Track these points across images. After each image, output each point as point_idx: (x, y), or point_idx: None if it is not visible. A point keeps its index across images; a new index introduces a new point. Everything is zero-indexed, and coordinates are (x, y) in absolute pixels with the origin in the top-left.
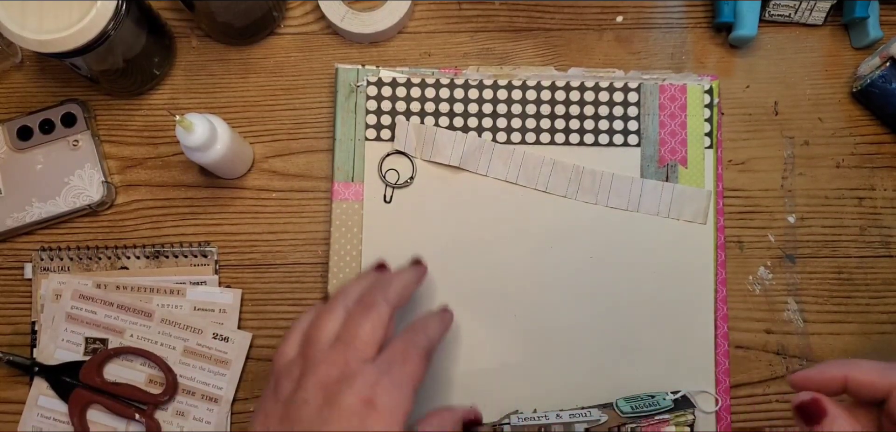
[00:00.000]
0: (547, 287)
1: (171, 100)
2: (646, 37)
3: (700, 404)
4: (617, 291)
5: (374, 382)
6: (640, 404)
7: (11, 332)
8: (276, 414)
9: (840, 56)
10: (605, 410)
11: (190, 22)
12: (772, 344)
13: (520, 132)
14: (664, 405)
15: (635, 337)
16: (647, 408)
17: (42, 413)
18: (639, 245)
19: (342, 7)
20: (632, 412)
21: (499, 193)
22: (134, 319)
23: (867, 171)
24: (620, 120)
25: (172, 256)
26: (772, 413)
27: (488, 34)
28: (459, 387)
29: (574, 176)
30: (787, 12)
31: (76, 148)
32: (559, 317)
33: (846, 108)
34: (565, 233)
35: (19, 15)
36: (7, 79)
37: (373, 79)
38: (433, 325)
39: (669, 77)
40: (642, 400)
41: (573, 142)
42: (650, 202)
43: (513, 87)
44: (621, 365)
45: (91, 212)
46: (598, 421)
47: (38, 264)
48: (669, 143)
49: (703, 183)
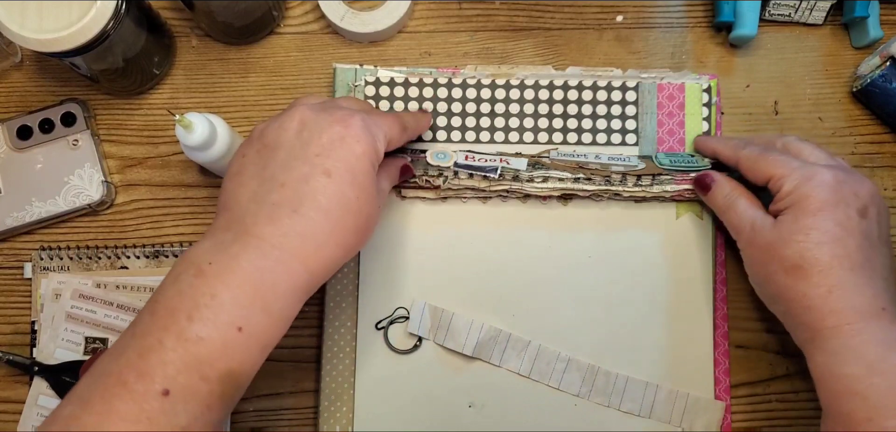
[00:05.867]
0: (546, 286)
1: (171, 99)
2: (646, 36)
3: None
4: (616, 291)
5: (350, 114)
6: (677, 160)
7: (11, 332)
8: (252, 149)
9: (840, 56)
10: (643, 160)
11: (190, 21)
12: (772, 344)
13: (518, 132)
14: (701, 165)
15: (635, 337)
16: (684, 164)
17: (42, 412)
18: (638, 245)
19: (342, 6)
20: (670, 165)
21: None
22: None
23: (867, 171)
24: (618, 119)
25: (172, 256)
26: (772, 413)
27: (488, 34)
28: (459, 387)
29: (588, 375)
30: (787, 12)
31: (76, 147)
32: (558, 316)
33: (846, 107)
34: (565, 232)
35: (19, 14)
36: (7, 78)
37: (371, 78)
38: (410, 114)
39: (668, 76)
40: (681, 157)
41: (571, 141)
42: (663, 411)
43: (511, 87)
44: (621, 365)
45: (91, 211)
46: (635, 166)
47: (38, 264)
48: (668, 142)
49: None
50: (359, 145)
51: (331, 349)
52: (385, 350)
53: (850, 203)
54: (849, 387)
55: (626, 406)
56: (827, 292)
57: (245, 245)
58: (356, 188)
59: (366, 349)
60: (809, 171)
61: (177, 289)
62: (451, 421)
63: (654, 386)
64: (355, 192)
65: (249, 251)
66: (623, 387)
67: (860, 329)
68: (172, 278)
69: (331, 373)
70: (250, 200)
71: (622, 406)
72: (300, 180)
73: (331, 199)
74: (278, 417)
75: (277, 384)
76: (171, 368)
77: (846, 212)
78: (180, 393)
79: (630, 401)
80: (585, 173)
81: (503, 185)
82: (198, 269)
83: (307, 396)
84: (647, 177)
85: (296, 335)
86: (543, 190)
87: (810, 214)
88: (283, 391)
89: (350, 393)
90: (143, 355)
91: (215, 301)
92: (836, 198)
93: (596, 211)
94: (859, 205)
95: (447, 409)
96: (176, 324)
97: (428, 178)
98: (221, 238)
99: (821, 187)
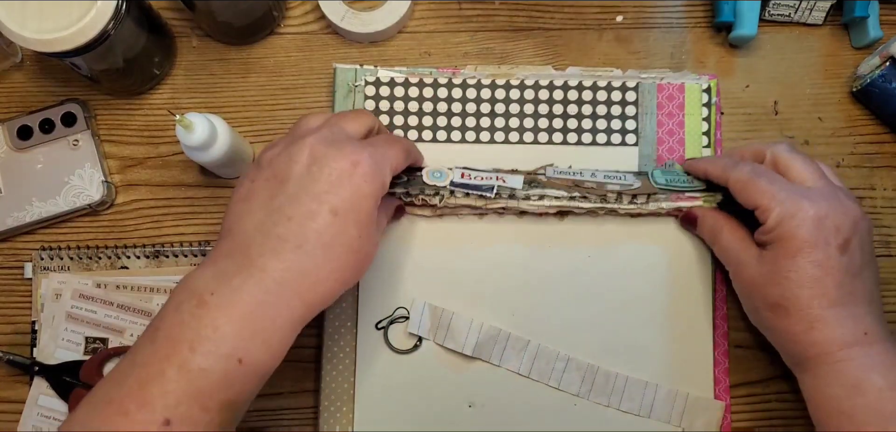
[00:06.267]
0: (545, 285)
1: (172, 99)
2: (646, 36)
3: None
4: (615, 291)
5: (359, 150)
6: (673, 178)
7: (11, 332)
8: (261, 176)
9: (840, 56)
10: (639, 178)
11: (190, 21)
12: (771, 344)
13: (518, 132)
14: (696, 184)
15: (634, 336)
16: (679, 184)
17: (42, 412)
18: (638, 244)
19: (342, 7)
20: (665, 184)
21: None
22: (134, 319)
23: (867, 171)
24: (618, 119)
25: (172, 256)
26: (772, 412)
27: (488, 34)
28: (459, 387)
29: (588, 374)
30: (787, 12)
31: (76, 147)
32: (557, 315)
33: (846, 107)
34: (564, 232)
35: (19, 15)
36: (7, 78)
37: (371, 78)
38: (410, 143)
39: (667, 76)
40: (676, 175)
41: (571, 141)
42: (662, 410)
43: (511, 87)
44: (620, 365)
45: (91, 211)
46: (631, 185)
47: (39, 264)
48: (667, 142)
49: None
50: (366, 185)
51: (331, 349)
52: (385, 350)
53: (830, 240)
54: (835, 407)
55: (625, 405)
56: (808, 328)
57: (248, 276)
58: (359, 227)
59: (366, 349)
60: (793, 207)
61: (178, 319)
62: (451, 421)
63: (654, 385)
64: (358, 231)
65: (251, 284)
66: (623, 387)
67: (842, 356)
68: (173, 306)
69: (331, 373)
70: (256, 230)
71: (622, 405)
72: (307, 216)
73: (335, 238)
74: (278, 417)
75: (277, 384)
76: (172, 398)
77: (826, 252)
78: (180, 423)
79: (629, 401)
80: (582, 190)
81: (499, 203)
82: (200, 299)
83: (307, 396)
84: (643, 195)
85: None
86: (540, 207)
87: (790, 257)
88: (284, 391)
89: (350, 393)
90: (144, 385)
91: (217, 333)
92: (816, 238)
93: (592, 226)
94: (840, 240)
95: (447, 409)
96: (178, 355)
97: (424, 198)
98: (224, 267)
99: (801, 227)
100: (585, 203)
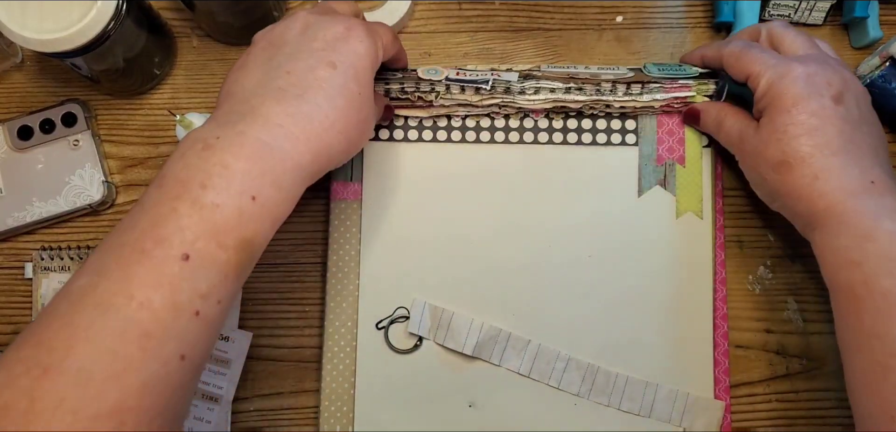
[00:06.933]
0: (545, 285)
1: (172, 99)
2: (646, 37)
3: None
4: (615, 290)
5: (352, 18)
6: (667, 69)
7: (11, 332)
8: (256, 48)
9: (840, 55)
10: (633, 70)
11: (190, 21)
12: (772, 344)
13: (518, 132)
14: (690, 73)
15: (634, 336)
16: (673, 73)
17: None
18: (638, 244)
19: None
20: (659, 74)
21: (499, 193)
22: None
23: None
24: (618, 119)
25: None
26: (772, 412)
27: (488, 34)
28: (459, 387)
29: (588, 374)
30: (787, 12)
31: (76, 147)
32: (557, 315)
33: None
34: (564, 231)
35: (19, 15)
36: (7, 79)
37: None
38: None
39: None
40: (670, 67)
41: (571, 141)
42: (662, 410)
43: None
44: (620, 365)
45: (92, 211)
46: (624, 74)
47: (39, 264)
48: (667, 142)
49: (700, 181)
50: (361, 45)
51: (331, 349)
52: (385, 350)
53: (823, 92)
54: (845, 258)
55: (625, 405)
56: (813, 179)
57: (252, 122)
58: (359, 84)
59: (366, 349)
60: (783, 69)
61: (184, 163)
62: (451, 420)
63: (654, 385)
64: (358, 87)
65: (256, 127)
66: (623, 387)
67: (850, 205)
68: (178, 155)
69: (331, 373)
70: (257, 85)
71: (622, 405)
72: (306, 69)
73: (336, 89)
74: (278, 417)
75: (278, 384)
76: (189, 233)
77: (820, 103)
78: (199, 258)
79: (630, 401)
80: (577, 82)
81: (495, 99)
82: (205, 144)
83: (307, 396)
84: (637, 85)
85: (296, 335)
86: (535, 102)
87: (785, 111)
88: (284, 391)
89: (350, 393)
90: (157, 224)
91: (227, 170)
92: (808, 90)
93: (595, 207)
94: (833, 92)
95: (447, 409)
96: (189, 193)
97: (420, 95)
98: (226, 119)
99: (792, 83)
100: (581, 95)
